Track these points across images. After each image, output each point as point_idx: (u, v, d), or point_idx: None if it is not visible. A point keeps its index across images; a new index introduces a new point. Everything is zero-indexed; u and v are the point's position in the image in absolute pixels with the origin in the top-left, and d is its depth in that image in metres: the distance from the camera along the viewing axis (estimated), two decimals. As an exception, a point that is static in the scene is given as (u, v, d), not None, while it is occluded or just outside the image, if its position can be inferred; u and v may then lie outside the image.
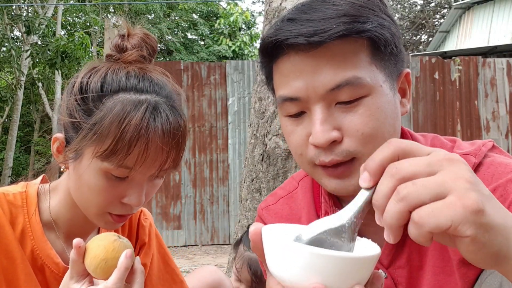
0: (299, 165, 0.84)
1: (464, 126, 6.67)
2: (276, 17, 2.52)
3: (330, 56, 0.72)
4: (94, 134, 0.84)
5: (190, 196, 6.67)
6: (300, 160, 0.81)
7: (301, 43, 0.71)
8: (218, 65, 6.81)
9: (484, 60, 6.74)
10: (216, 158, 6.67)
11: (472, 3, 12.44)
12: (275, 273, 0.53)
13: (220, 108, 6.70)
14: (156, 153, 0.85)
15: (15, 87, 10.39)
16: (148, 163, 0.85)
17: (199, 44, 18.16)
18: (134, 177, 0.87)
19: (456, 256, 0.78)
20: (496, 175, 0.75)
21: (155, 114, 0.85)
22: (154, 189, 0.94)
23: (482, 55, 8.34)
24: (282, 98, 0.77)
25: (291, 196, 0.96)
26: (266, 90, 2.53)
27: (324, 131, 0.73)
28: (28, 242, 0.94)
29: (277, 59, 0.78)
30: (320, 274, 0.49)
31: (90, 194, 0.88)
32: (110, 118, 0.83)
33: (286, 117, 0.80)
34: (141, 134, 0.83)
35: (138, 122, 0.83)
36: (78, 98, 0.88)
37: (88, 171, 0.86)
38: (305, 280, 0.50)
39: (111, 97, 0.86)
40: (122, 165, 0.84)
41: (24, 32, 9.62)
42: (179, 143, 0.89)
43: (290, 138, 0.80)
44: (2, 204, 0.93)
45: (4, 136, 13.18)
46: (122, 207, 0.90)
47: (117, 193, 0.88)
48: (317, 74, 0.73)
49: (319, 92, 0.73)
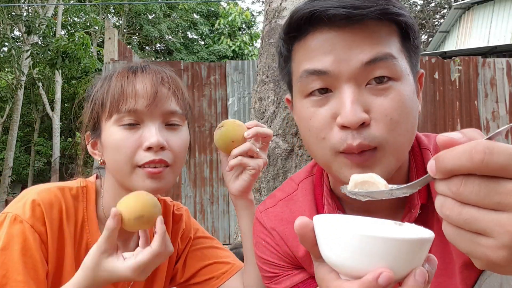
0: (316, 155, 0.79)
1: (464, 126, 6.67)
2: (276, 17, 2.53)
3: (367, 33, 0.71)
4: (95, 105, 0.99)
5: (190, 196, 6.67)
6: (320, 146, 0.76)
7: (342, 14, 0.70)
8: (218, 65, 6.81)
9: (484, 60, 6.74)
10: (216, 158, 6.67)
11: (472, 3, 12.44)
12: (334, 261, 0.53)
13: (220, 108, 6.70)
14: (147, 90, 0.95)
15: (15, 87, 10.40)
16: (144, 101, 0.95)
17: (199, 44, 18.15)
18: (144, 121, 0.96)
19: (460, 259, 0.77)
20: None
21: (136, 69, 1.00)
22: (177, 137, 1.00)
23: (482, 55, 8.34)
24: (307, 71, 0.74)
25: (291, 198, 0.94)
26: (266, 90, 2.53)
27: (356, 110, 0.70)
28: (85, 235, 1.00)
29: (305, 35, 0.76)
30: (384, 258, 0.49)
31: (116, 153, 0.95)
32: (101, 86, 1.00)
33: (306, 98, 0.76)
34: (126, 81, 0.96)
35: (121, 76, 0.98)
36: (85, 97, 1.07)
37: (107, 136, 0.97)
38: (369, 265, 0.50)
39: (102, 78, 1.04)
40: (122, 110, 0.94)
41: (25, 32, 9.62)
42: (169, 82, 0.99)
43: (311, 121, 0.76)
44: (67, 198, 0.98)
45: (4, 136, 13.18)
46: (147, 154, 0.94)
47: (135, 140, 0.95)
48: (352, 48, 0.71)
49: (352, 66, 0.71)
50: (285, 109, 2.48)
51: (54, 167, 12.16)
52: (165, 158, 0.95)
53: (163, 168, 0.96)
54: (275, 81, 2.48)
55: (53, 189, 0.97)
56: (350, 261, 0.51)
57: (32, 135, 14.93)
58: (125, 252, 1.06)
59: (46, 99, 12.52)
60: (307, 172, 0.97)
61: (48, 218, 0.93)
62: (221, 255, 1.18)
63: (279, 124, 2.49)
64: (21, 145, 15.14)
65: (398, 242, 0.49)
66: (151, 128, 0.95)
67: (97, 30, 14.74)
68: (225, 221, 6.73)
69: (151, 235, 0.88)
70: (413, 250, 0.50)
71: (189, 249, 1.18)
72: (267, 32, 2.56)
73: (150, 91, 0.95)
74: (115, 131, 0.95)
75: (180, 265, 1.17)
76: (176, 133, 1.00)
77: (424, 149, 0.84)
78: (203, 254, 1.17)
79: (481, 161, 0.42)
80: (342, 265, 0.52)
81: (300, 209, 0.91)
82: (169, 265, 1.16)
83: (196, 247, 1.18)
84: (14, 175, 13.23)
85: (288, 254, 0.90)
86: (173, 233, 1.17)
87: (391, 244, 0.49)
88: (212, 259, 1.16)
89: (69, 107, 16.84)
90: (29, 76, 11.58)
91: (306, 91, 0.76)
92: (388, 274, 0.48)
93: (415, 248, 0.50)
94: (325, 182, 0.89)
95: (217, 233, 6.71)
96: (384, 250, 0.49)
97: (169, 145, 0.96)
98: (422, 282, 0.50)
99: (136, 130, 0.95)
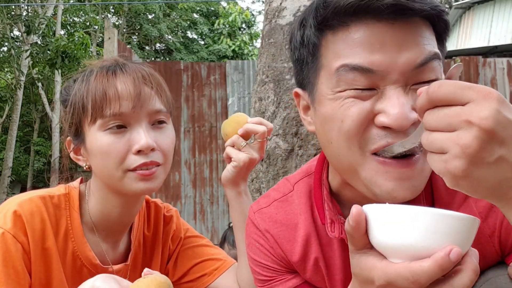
0: (341, 154, 0.71)
1: (465, 126, 6.67)
2: (276, 16, 2.52)
3: (417, 31, 0.67)
4: (75, 109, 0.95)
5: (190, 196, 6.66)
6: (349, 144, 0.69)
7: (401, 4, 0.64)
8: (218, 65, 6.80)
9: (484, 60, 6.73)
10: (216, 158, 6.66)
11: (473, 3, 12.43)
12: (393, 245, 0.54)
13: (220, 108, 6.69)
14: (129, 92, 0.92)
15: (14, 87, 10.39)
16: (128, 103, 0.92)
17: (199, 44, 18.16)
18: (131, 124, 0.93)
19: None
20: None
21: (114, 68, 0.96)
22: (164, 136, 0.98)
23: (482, 55, 8.33)
24: (349, 66, 0.67)
25: (286, 199, 0.91)
26: (266, 90, 2.52)
27: (407, 112, 0.65)
28: (70, 244, 0.98)
29: (345, 25, 0.68)
30: (448, 236, 0.51)
31: (105, 158, 0.93)
32: (78, 89, 0.96)
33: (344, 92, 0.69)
34: (107, 82, 0.93)
35: (100, 77, 0.94)
36: (61, 99, 1.02)
37: (92, 141, 0.94)
38: (433, 244, 0.51)
39: (78, 80, 0.99)
40: (106, 115, 0.91)
41: (24, 32, 9.61)
42: (150, 80, 0.96)
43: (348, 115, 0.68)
44: (48, 207, 0.96)
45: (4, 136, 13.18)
46: (137, 157, 0.93)
47: (124, 144, 0.92)
48: (403, 47, 0.66)
49: (403, 68, 0.66)
50: (285, 109, 2.47)
51: (53, 167, 12.14)
52: (156, 159, 0.94)
53: (155, 169, 0.95)
54: (275, 81, 2.47)
55: (34, 198, 0.95)
56: (409, 242, 0.52)
57: (32, 135, 14.93)
58: (114, 255, 1.06)
59: (46, 99, 12.51)
60: (303, 173, 0.93)
61: (30, 228, 0.91)
62: (212, 252, 1.18)
63: (279, 124, 2.47)
64: (20, 145, 15.13)
65: (464, 221, 0.52)
66: (138, 130, 0.93)
67: (97, 30, 14.73)
68: (225, 221, 6.71)
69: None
70: (472, 228, 0.53)
71: (180, 248, 1.19)
72: (267, 32, 2.55)
73: (133, 92, 0.93)
74: (101, 137, 0.93)
75: (171, 265, 1.17)
76: (163, 131, 0.98)
77: None
78: (194, 252, 1.18)
79: (433, 93, 0.52)
80: (401, 246, 0.53)
81: (295, 212, 0.88)
82: (161, 265, 1.16)
83: (187, 246, 1.19)
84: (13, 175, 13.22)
85: (282, 257, 0.88)
86: (164, 235, 1.17)
87: (459, 222, 0.52)
88: (203, 256, 1.16)
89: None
90: (28, 76, 11.58)
91: (343, 87, 0.69)
92: (458, 250, 0.51)
93: (473, 227, 0.53)
94: (325, 185, 0.85)
95: (217, 233, 6.70)
96: (446, 227, 0.51)
97: (158, 145, 0.95)
98: (477, 263, 0.53)
99: (123, 133, 0.93)
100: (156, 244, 1.15)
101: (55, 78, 11.67)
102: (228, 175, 1.10)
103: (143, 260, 1.12)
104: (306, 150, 2.21)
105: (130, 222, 1.08)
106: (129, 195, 0.98)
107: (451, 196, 0.77)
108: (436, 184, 0.78)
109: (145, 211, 1.16)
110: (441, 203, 0.77)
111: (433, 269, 0.51)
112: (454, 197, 0.77)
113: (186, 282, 1.16)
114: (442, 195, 0.78)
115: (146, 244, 1.14)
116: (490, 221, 0.74)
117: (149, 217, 1.16)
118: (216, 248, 1.21)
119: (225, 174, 1.11)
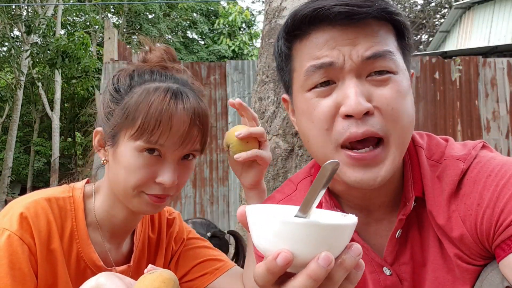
0: (316, 150, 0.81)
1: (465, 126, 6.66)
2: (276, 16, 2.52)
3: (368, 32, 0.76)
4: (125, 116, 0.94)
5: (190, 196, 6.66)
6: (323, 139, 0.78)
7: (346, 11, 0.74)
8: (218, 65, 6.80)
9: (484, 60, 6.73)
10: (216, 158, 6.66)
11: (473, 3, 12.43)
12: (256, 244, 0.57)
13: (220, 108, 6.69)
14: (181, 129, 0.93)
15: (15, 87, 10.39)
16: (175, 139, 0.93)
17: (199, 44, 18.15)
18: (166, 156, 0.94)
19: (452, 251, 0.79)
20: (477, 180, 0.78)
21: (177, 94, 0.95)
22: (186, 172, 0.99)
23: (482, 55, 8.33)
24: (314, 66, 0.77)
25: (290, 199, 0.95)
26: (266, 90, 2.52)
27: (360, 99, 0.73)
28: (74, 245, 0.99)
29: (307, 33, 0.79)
30: (288, 241, 0.52)
31: (128, 175, 0.94)
32: (137, 99, 0.94)
33: (310, 91, 0.79)
34: (165, 110, 0.92)
35: (161, 99, 0.92)
36: (112, 91, 0.99)
37: (124, 152, 0.94)
38: (276, 247, 0.53)
39: (138, 86, 0.97)
40: (152, 141, 0.92)
41: (25, 32, 9.61)
42: (201, 122, 0.97)
43: (315, 113, 0.78)
44: (54, 208, 0.97)
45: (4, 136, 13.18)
46: (156, 187, 0.95)
47: (151, 171, 0.94)
48: (354, 45, 0.76)
49: (355, 60, 0.75)
50: (285, 109, 2.47)
51: (53, 167, 12.14)
52: (170, 192, 0.97)
53: (166, 198, 0.98)
54: (275, 81, 2.47)
55: (40, 200, 0.95)
56: (264, 243, 0.55)
57: (32, 135, 14.93)
58: (117, 256, 1.07)
59: (46, 99, 12.52)
60: (306, 173, 0.99)
61: (36, 230, 0.91)
62: (213, 253, 1.20)
63: (279, 124, 2.47)
64: (20, 145, 15.14)
65: (299, 226, 0.52)
66: (170, 166, 0.95)
67: (97, 30, 14.73)
68: (225, 221, 6.71)
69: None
70: (316, 234, 0.52)
71: (182, 249, 1.20)
72: (267, 32, 2.55)
73: (185, 131, 0.93)
74: (135, 155, 0.93)
75: (173, 264, 1.19)
76: (188, 167, 1.00)
77: (418, 147, 0.87)
78: (196, 253, 1.19)
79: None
80: (259, 246, 0.56)
81: None
82: (164, 266, 1.17)
83: (189, 247, 1.20)
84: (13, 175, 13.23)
85: None
86: (168, 237, 1.19)
87: (293, 227, 0.52)
88: (205, 257, 1.18)
89: (69, 107, 16.83)
90: (28, 76, 11.58)
91: (310, 85, 0.79)
92: (286, 255, 0.52)
93: (319, 233, 0.52)
94: None
95: (217, 233, 6.70)
96: (287, 233, 0.52)
97: (178, 181, 0.97)
98: (325, 266, 0.51)
99: (156, 161, 0.94)
100: (160, 246, 1.17)
101: (55, 78, 11.67)
102: (255, 177, 1.09)
103: (147, 261, 1.13)
104: (306, 150, 2.21)
105: (134, 225, 1.09)
106: (132, 209, 1.00)
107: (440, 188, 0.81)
108: (424, 173, 0.84)
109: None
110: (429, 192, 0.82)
111: (262, 271, 0.54)
112: (442, 191, 0.81)
113: (188, 281, 1.17)
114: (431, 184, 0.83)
115: (150, 246, 1.15)
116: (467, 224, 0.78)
117: (153, 220, 1.18)
118: (217, 250, 1.23)
119: (252, 178, 1.09)
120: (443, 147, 0.86)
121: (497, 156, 0.81)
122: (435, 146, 0.87)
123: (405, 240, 0.84)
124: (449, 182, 0.80)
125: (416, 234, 0.84)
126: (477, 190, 0.77)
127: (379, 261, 0.85)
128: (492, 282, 0.74)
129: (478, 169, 0.79)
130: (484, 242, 0.76)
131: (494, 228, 0.74)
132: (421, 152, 0.86)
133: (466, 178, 0.79)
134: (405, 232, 0.84)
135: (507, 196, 0.73)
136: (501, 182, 0.75)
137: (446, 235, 0.80)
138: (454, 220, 0.78)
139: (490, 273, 0.76)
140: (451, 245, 0.79)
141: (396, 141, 0.76)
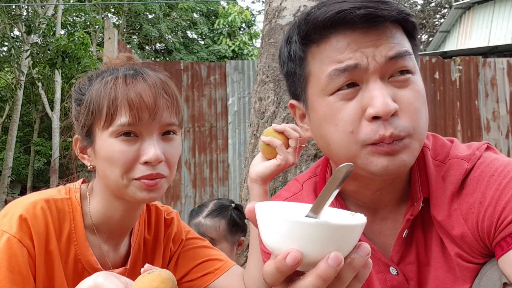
0: (338, 152, 0.80)
1: (465, 126, 6.66)
2: (276, 16, 2.52)
3: (387, 33, 0.77)
4: (90, 110, 0.94)
5: (190, 196, 6.66)
6: (347, 141, 0.78)
7: (370, 14, 0.74)
8: (218, 65, 6.80)
9: (484, 60, 6.73)
10: (216, 158, 6.66)
11: (473, 3, 12.43)
12: (265, 241, 0.57)
13: (220, 108, 6.69)
14: (147, 103, 0.92)
15: (15, 87, 10.39)
16: (144, 115, 0.92)
17: (199, 44, 18.15)
18: (143, 135, 0.94)
19: (453, 250, 0.80)
20: (481, 180, 0.79)
21: (134, 75, 0.95)
22: (172, 149, 0.98)
23: (482, 55, 8.33)
24: (338, 70, 0.77)
25: (296, 198, 0.96)
26: (266, 90, 2.52)
27: (387, 100, 0.74)
28: (72, 248, 0.98)
29: (326, 37, 0.78)
30: (297, 240, 0.52)
31: (112, 164, 0.93)
32: (97, 91, 0.95)
33: (333, 95, 0.78)
34: (126, 90, 0.92)
35: (121, 82, 0.93)
36: (74, 95, 1.01)
37: (102, 145, 0.94)
38: (285, 246, 0.53)
39: (97, 81, 0.97)
40: (123, 123, 0.91)
41: (25, 32, 9.60)
42: (167, 92, 0.96)
43: (339, 116, 0.77)
44: (52, 210, 0.96)
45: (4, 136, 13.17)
46: (143, 167, 0.93)
47: (133, 153, 0.93)
48: (377, 46, 0.76)
49: (378, 61, 0.76)
50: (285, 109, 2.47)
51: (53, 167, 12.14)
52: (161, 171, 0.95)
53: (159, 180, 0.95)
54: (275, 81, 2.47)
55: (39, 202, 0.95)
56: (273, 242, 0.55)
57: (32, 135, 14.91)
58: (114, 258, 1.06)
59: (46, 99, 12.51)
60: (311, 173, 1.00)
61: (35, 232, 0.91)
62: (213, 253, 1.20)
63: (279, 124, 2.48)
64: (20, 145, 15.12)
65: (309, 226, 0.51)
66: (149, 141, 0.94)
67: (97, 30, 14.73)
68: (225, 221, 6.71)
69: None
70: (324, 234, 0.52)
71: (181, 250, 1.19)
72: (267, 32, 2.55)
73: (151, 103, 0.93)
74: (112, 143, 0.93)
75: (172, 265, 1.18)
76: (172, 143, 0.99)
77: (424, 148, 0.88)
78: (195, 253, 1.19)
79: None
80: (268, 244, 0.56)
81: None
82: (162, 267, 1.16)
83: (188, 248, 1.20)
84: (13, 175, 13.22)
85: None
86: (165, 238, 1.18)
87: (303, 227, 0.52)
88: (205, 257, 1.18)
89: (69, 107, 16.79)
90: (28, 76, 11.57)
91: (333, 89, 0.78)
92: (295, 255, 0.52)
93: (328, 233, 0.52)
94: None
95: (217, 233, 6.70)
96: (296, 232, 0.52)
97: (165, 157, 0.96)
98: (334, 266, 0.51)
99: (134, 142, 0.94)
100: (157, 247, 1.16)
101: (55, 78, 11.67)
102: (266, 171, 1.12)
103: (143, 263, 1.12)
104: (306, 150, 2.21)
105: (131, 225, 1.08)
106: (131, 201, 0.98)
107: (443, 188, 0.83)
108: (430, 173, 0.85)
109: (146, 214, 1.16)
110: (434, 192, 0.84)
111: (271, 270, 0.54)
112: (445, 191, 0.82)
113: (188, 282, 1.16)
114: (435, 184, 0.84)
115: (146, 248, 1.15)
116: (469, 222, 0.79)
117: (149, 221, 1.17)
118: (216, 250, 1.23)
119: (261, 170, 1.12)
120: (448, 147, 0.87)
121: (500, 157, 0.82)
122: (440, 147, 0.88)
123: (411, 240, 0.85)
124: (452, 181, 0.81)
125: (420, 234, 0.85)
126: (480, 189, 0.78)
127: (386, 260, 0.86)
128: (490, 279, 0.76)
129: (482, 169, 0.80)
130: (485, 239, 0.77)
131: (495, 226, 0.75)
132: (427, 152, 0.87)
133: (469, 177, 0.81)
134: (410, 232, 0.85)
135: (509, 195, 0.75)
136: (504, 182, 0.77)
137: (447, 233, 0.81)
138: (455, 218, 0.80)
139: (488, 270, 0.77)
140: (452, 244, 0.80)
141: (417, 136, 0.78)
